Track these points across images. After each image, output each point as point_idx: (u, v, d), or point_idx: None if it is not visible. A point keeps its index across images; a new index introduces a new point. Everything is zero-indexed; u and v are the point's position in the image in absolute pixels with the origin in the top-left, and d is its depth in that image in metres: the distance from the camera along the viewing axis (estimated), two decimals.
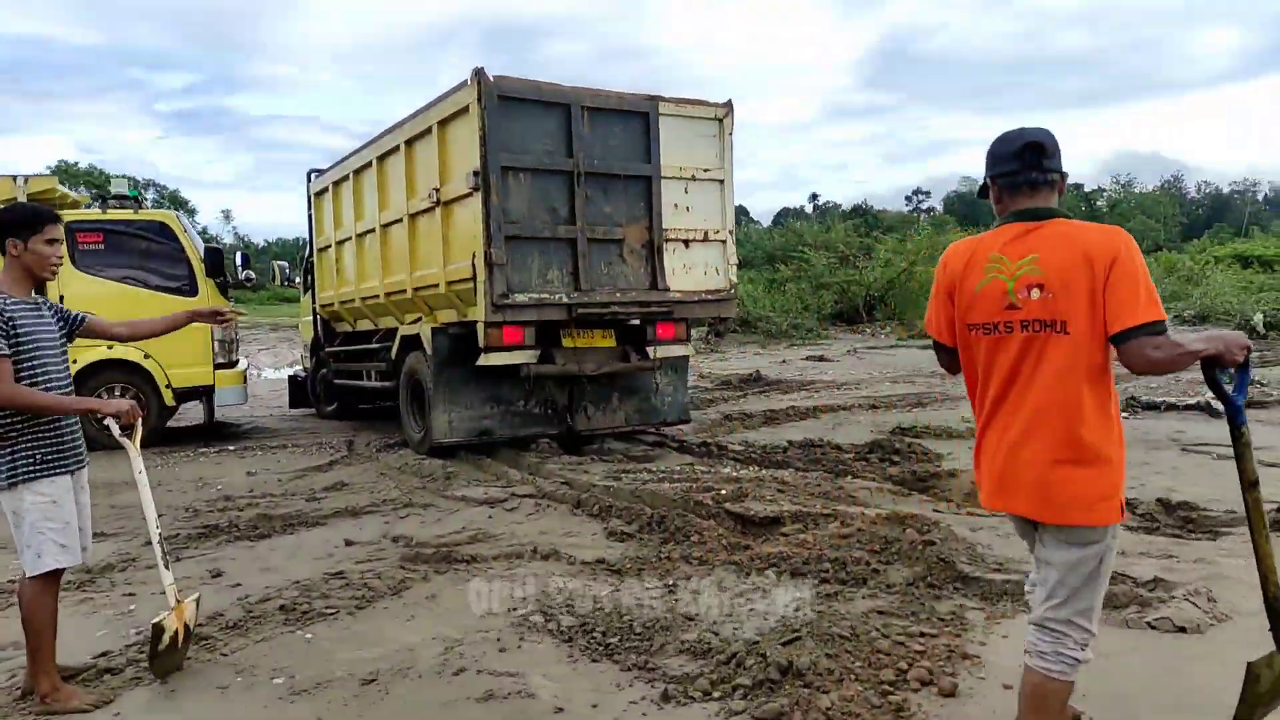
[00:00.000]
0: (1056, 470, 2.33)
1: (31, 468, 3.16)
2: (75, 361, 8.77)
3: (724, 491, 5.98)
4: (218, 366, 9.57)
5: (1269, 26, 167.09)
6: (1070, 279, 2.27)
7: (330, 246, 10.14)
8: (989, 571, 4.24)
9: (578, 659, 3.55)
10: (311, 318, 11.24)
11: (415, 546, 5.23)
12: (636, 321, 7.79)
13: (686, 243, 7.67)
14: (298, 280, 13.14)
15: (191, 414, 10.70)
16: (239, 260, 10.97)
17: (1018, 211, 2.42)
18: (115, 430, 3.44)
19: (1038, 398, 2.34)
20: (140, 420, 3.47)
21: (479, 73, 6.68)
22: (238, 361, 10.24)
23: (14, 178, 8.88)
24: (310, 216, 10.90)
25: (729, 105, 7.79)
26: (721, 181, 7.82)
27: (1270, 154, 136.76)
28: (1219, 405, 8.99)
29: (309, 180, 10.90)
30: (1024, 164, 2.40)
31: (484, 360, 7.15)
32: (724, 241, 7.87)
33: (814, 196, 67.60)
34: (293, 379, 12.52)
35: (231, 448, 9.21)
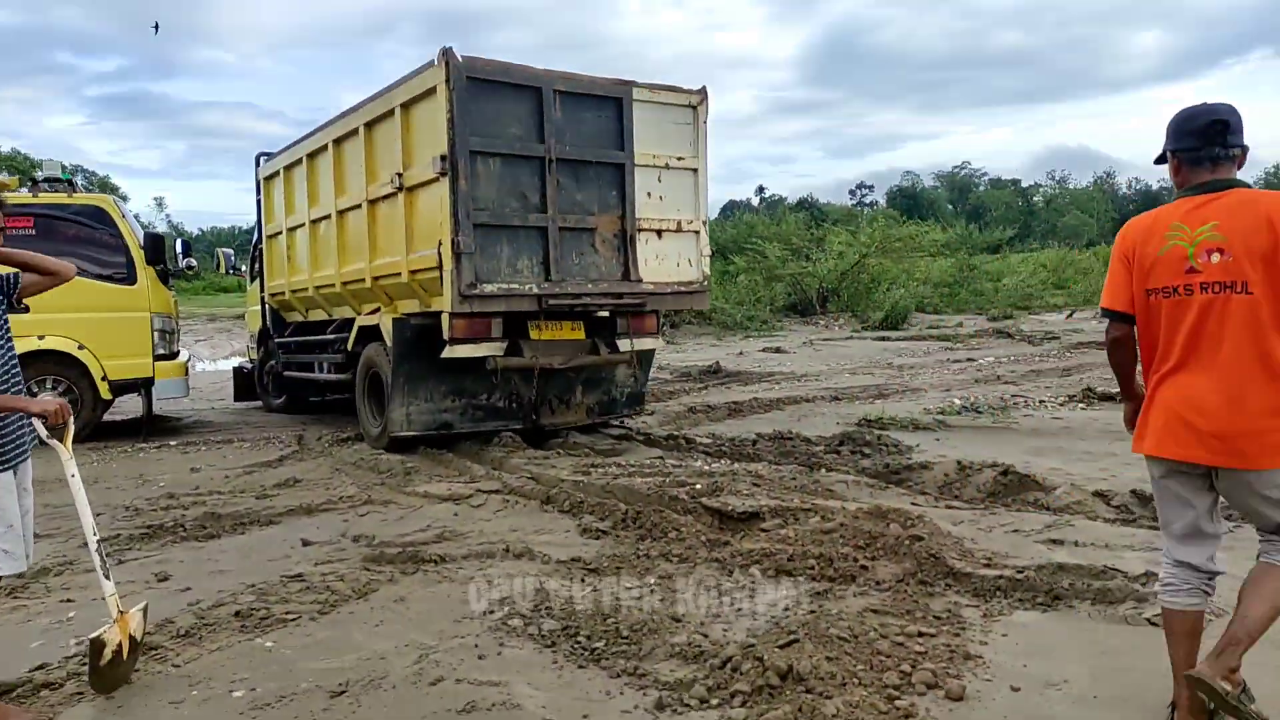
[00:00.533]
0: (1264, 420, 2.47)
1: None
2: None
3: (699, 486, 5.82)
4: (158, 358, 9.10)
5: (1194, 29, 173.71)
6: (1252, 242, 2.44)
7: (281, 233, 9.73)
8: (979, 567, 4.14)
9: (563, 665, 3.34)
10: (260, 307, 10.78)
11: (378, 546, 4.96)
12: (606, 314, 7.58)
13: (659, 233, 7.48)
14: (244, 268, 12.65)
15: (128, 406, 10.18)
16: (179, 247, 10.47)
17: (1199, 185, 2.59)
18: (42, 432, 3.08)
19: (1228, 355, 2.50)
20: (71, 419, 3.11)
21: (447, 52, 6.40)
22: (179, 352, 9.77)
23: None
24: (259, 202, 10.45)
25: (703, 92, 7.62)
26: (695, 171, 7.65)
27: None
28: None
29: (258, 164, 10.46)
30: (1207, 140, 2.56)
31: (449, 352, 6.87)
32: (697, 232, 7.70)
33: (760, 189, 68.14)
34: (238, 370, 12.03)
35: (173, 443, 8.77)
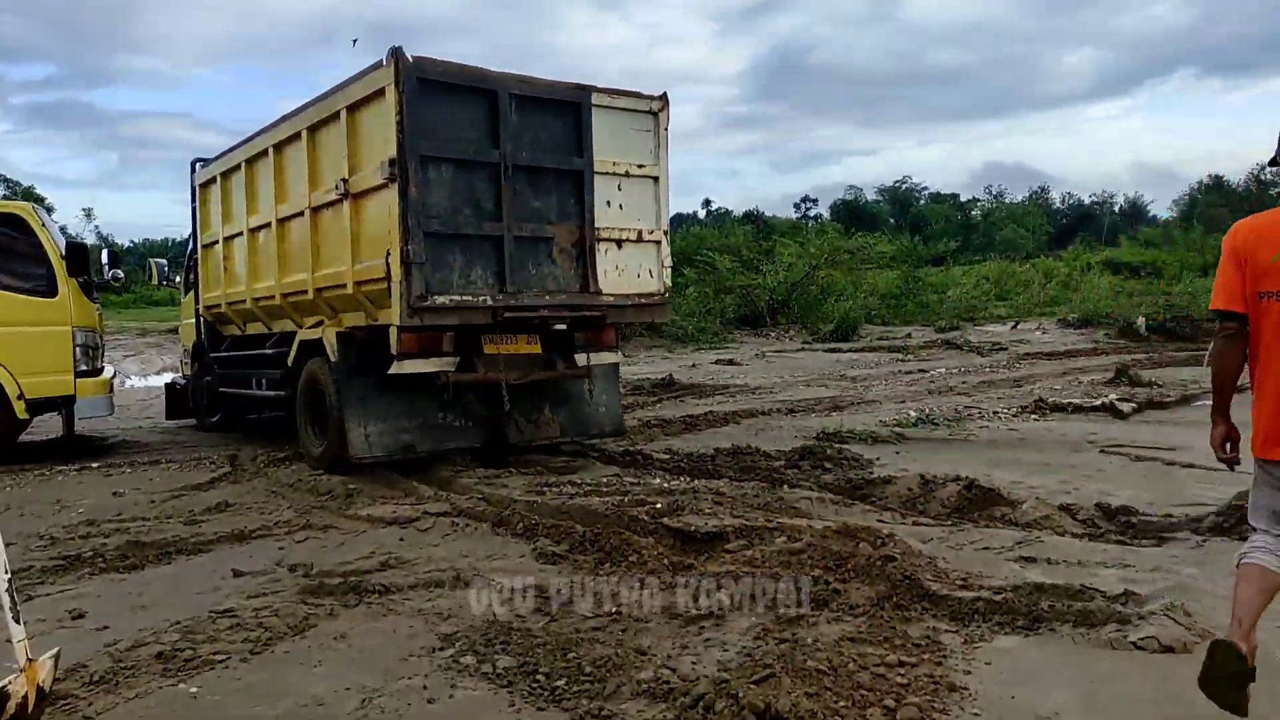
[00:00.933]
0: None
1: None
2: None
3: (659, 505, 5.61)
4: (79, 374, 8.57)
5: (1121, 49, 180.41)
6: None
7: (218, 243, 9.28)
8: (955, 588, 3.99)
9: (521, 708, 3.09)
10: (195, 320, 10.27)
11: (317, 576, 4.63)
12: (563, 326, 7.32)
13: (619, 243, 7.25)
14: (178, 280, 12.09)
15: (47, 426, 9.60)
16: (105, 258, 9.91)
17: None
18: None
19: None
20: None
21: (397, 52, 6.10)
22: (103, 368, 9.22)
23: None
24: (194, 210, 9.97)
25: (664, 99, 7.43)
26: (656, 179, 7.44)
27: (1122, 169, 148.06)
28: (1123, 406, 9.01)
29: (193, 170, 9.99)
30: None
31: (396, 368, 6.54)
32: (659, 243, 7.49)
33: (707, 202, 68.41)
34: (170, 387, 11.45)
35: (95, 465, 8.24)
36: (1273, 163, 2.90)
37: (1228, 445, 2.89)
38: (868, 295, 24.65)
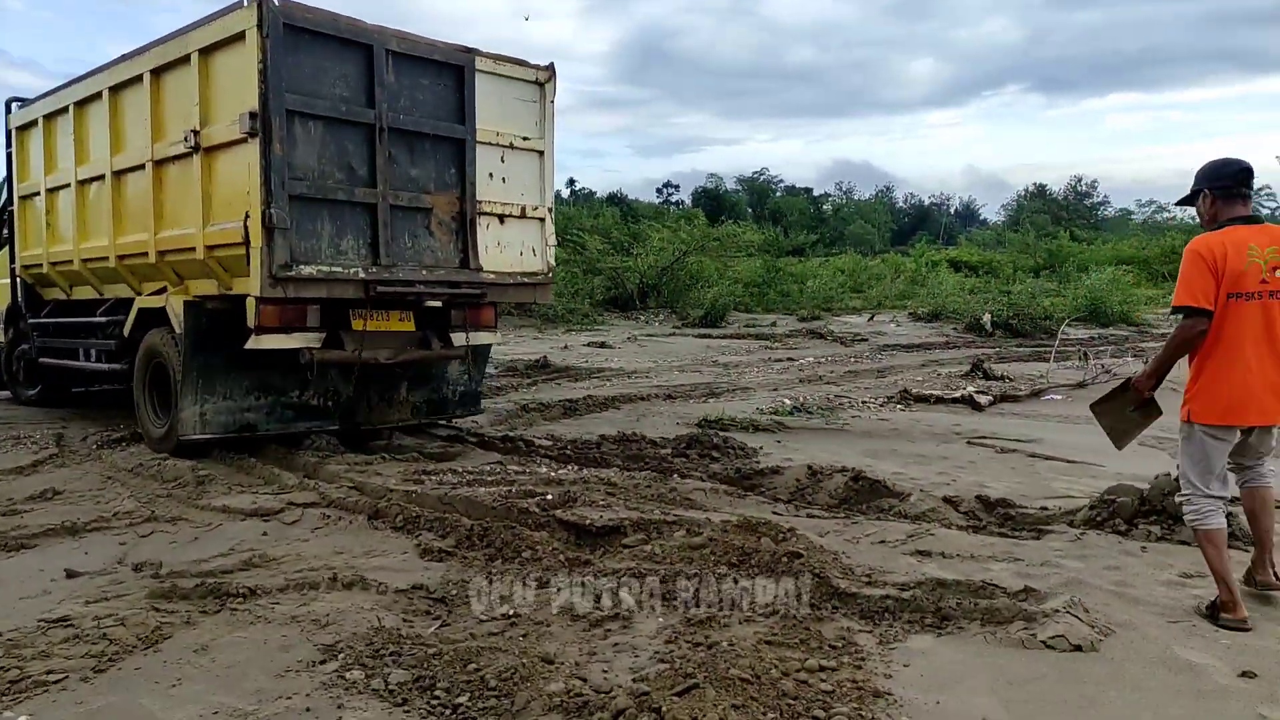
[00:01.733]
0: None
1: None
2: None
3: (550, 496, 5.33)
4: None
5: (959, 61, 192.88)
6: None
7: (39, 194, 8.18)
8: (862, 585, 3.93)
9: None
10: (9, 281, 9.07)
11: (169, 577, 4.11)
12: (439, 304, 6.88)
13: (501, 218, 6.86)
14: None
15: None
16: None
17: (1238, 217, 3.61)
18: None
19: None
20: None
21: None
22: None
23: None
24: (10, 155, 8.77)
25: (551, 69, 7.08)
26: (541, 153, 7.09)
27: (957, 173, 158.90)
28: (980, 398, 9.44)
29: (8, 110, 8.78)
30: (1238, 182, 3.62)
31: (254, 343, 5.93)
32: (543, 220, 7.14)
33: (571, 182, 67.68)
34: None
35: None
36: (1183, 202, 3.77)
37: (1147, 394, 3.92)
38: (732, 283, 25.07)
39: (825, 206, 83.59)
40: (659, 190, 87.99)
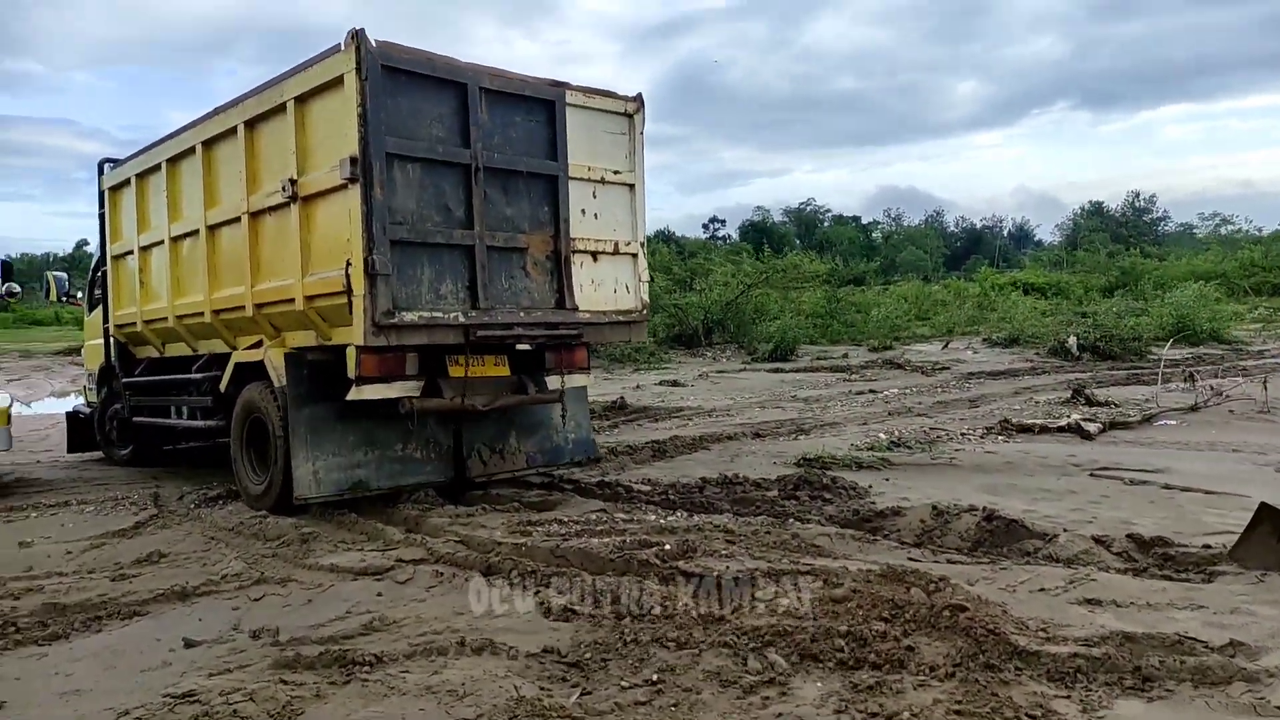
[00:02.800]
0: None
1: None
2: None
3: (668, 546, 5.05)
4: None
5: (1006, 81, 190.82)
6: None
7: (132, 253, 8.26)
8: (1042, 642, 3.55)
9: None
10: (103, 340, 9.16)
11: (289, 645, 3.89)
12: (529, 347, 6.70)
13: (595, 255, 6.68)
14: (80, 296, 10.87)
15: None
16: None
17: None
18: None
19: None
20: None
21: (358, 35, 5.41)
22: None
23: None
24: (103, 216, 8.91)
25: (640, 100, 6.92)
26: (632, 187, 6.91)
27: (1006, 194, 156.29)
28: (1089, 426, 8.95)
29: (101, 172, 8.94)
30: None
31: (355, 394, 5.78)
32: (635, 255, 6.94)
33: None
34: (73, 416, 10.20)
35: None
36: None
37: None
38: (795, 315, 24.66)
39: (875, 234, 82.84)
40: (705, 226, 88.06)
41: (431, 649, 3.79)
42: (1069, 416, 9.97)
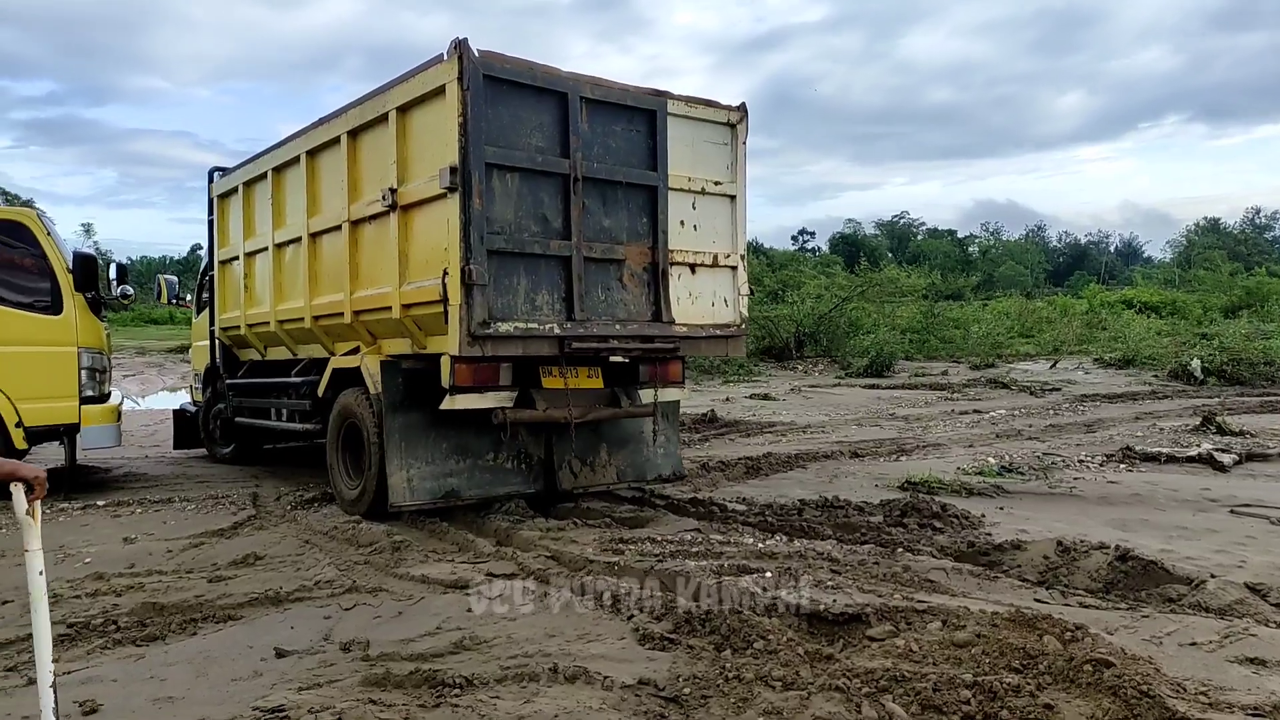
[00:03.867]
0: None
1: None
2: None
3: (768, 574, 4.78)
4: (85, 400, 7.75)
5: (1113, 93, 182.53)
6: None
7: (238, 259, 8.48)
8: (1205, 709, 3.15)
9: None
10: (209, 342, 9.44)
11: (380, 660, 3.79)
12: (623, 359, 6.53)
13: (693, 268, 6.47)
14: (189, 299, 11.28)
15: (45, 455, 8.74)
16: (113, 272, 9.11)
17: None
18: (21, 503, 2.44)
19: None
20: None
21: (461, 45, 5.35)
22: (110, 394, 8.38)
23: None
24: (211, 223, 9.19)
25: (743, 109, 6.70)
26: (733, 198, 6.68)
27: (1111, 209, 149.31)
28: (1223, 457, 8.14)
29: (211, 180, 9.22)
30: None
31: (449, 403, 5.72)
32: (734, 268, 6.71)
33: None
34: (179, 413, 10.57)
35: (101, 502, 7.37)
36: None
37: None
38: (890, 329, 23.91)
39: (971, 248, 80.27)
40: (794, 238, 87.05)
41: (523, 674, 3.62)
42: (1199, 446, 9.24)
